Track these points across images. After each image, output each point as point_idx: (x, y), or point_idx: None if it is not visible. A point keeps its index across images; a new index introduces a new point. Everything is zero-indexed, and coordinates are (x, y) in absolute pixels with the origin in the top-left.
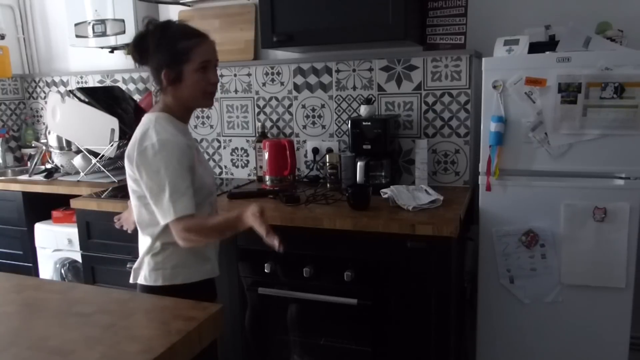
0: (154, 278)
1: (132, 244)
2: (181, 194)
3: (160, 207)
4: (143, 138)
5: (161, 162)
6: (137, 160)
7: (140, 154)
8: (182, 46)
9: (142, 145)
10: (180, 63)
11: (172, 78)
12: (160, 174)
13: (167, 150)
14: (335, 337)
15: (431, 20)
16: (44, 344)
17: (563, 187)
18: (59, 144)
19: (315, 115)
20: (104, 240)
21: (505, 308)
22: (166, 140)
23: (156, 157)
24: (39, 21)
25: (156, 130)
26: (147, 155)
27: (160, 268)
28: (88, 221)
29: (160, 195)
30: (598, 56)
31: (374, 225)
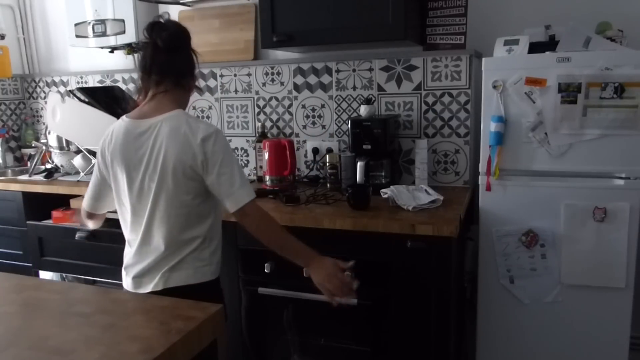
0: (203, 273)
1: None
2: (247, 179)
3: (236, 192)
4: (195, 130)
5: (225, 149)
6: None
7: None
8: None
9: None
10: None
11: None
12: (226, 160)
13: (224, 139)
14: (335, 337)
15: (431, 20)
16: (44, 344)
17: (563, 187)
18: (59, 144)
19: (315, 115)
20: (59, 257)
21: (505, 308)
22: (218, 130)
23: (217, 144)
24: (39, 21)
25: (201, 122)
26: (209, 144)
27: (208, 264)
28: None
29: (230, 180)
30: (598, 56)
31: (374, 225)
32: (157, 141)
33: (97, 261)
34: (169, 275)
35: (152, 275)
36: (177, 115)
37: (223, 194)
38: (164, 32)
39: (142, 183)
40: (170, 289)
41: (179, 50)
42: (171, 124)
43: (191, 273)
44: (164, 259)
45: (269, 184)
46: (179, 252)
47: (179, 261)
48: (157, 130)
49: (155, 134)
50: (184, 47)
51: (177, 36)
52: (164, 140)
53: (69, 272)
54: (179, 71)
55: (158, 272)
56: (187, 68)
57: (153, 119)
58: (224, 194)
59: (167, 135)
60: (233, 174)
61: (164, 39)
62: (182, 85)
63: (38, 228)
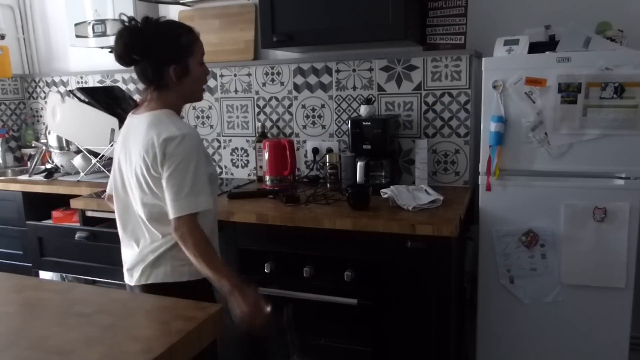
0: (180, 273)
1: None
2: (203, 189)
3: (178, 200)
4: (162, 131)
5: (185, 154)
6: (158, 154)
7: (162, 145)
8: (185, 40)
9: (162, 137)
10: (186, 57)
11: (179, 73)
12: (180, 167)
13: (189, 144)
14: (335, 337)
15: (431, 20)
16: (44, 344)
17: (563, 187)
18: (59, 144)
19: (315, 115)
20: (58, 258)
21: (505, 308)
22: (187, 134)
23: (178, 148)
24: (39, 21)
25: (174, 124)
26: (169, 147)
27: (187, 264)
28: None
29: (178, 187)
30: (598, 56)
31: (374, 225)
32: (134, 138)
33: (97, 261)
34: (150, 271)
35: (137, 269)
36: (154, 115)
37: (167, 198)
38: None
39: (123, 177)
40: (153, 284)
41: (137, 62)
42: (148, 122)
43: (169, 271)
44: (144, 255)
45: (269, 184)
46: (156, 249)
47: (157, 258)
48: (138, 128)
49: (135, 131)
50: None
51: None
52: (137, 138)
53: (69, 272)
54: (150, 80)
55: (140, 267)
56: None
57: (140, 116)
58: (167, 198)
59: (141, 133)
60: (183, 182)
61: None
62: (163, 89)
63: (38, 228)
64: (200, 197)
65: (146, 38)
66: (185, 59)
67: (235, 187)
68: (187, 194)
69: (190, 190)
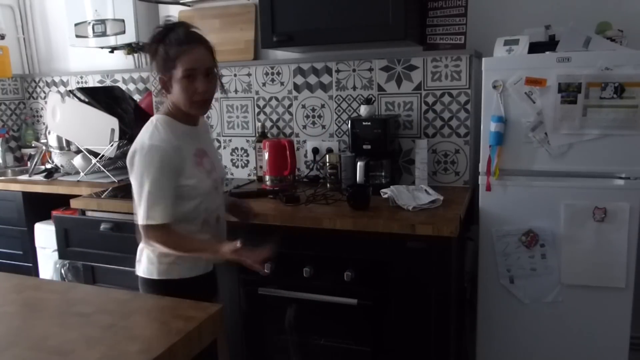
0: (150, 271)
1: (111, 252)
2: (156, 202)
3: (137, 209)
4: (137, 141)
5: (143, 166)
6: (129, 162)
7: (131, 156)
8: (172, 53)
9: (133, 147)
10: (169, 70)
11: (163, 84)
12: (140, 178)
13: (151, 156)
14: (335, 337)
15: (431, 20)
16: (44, 344)
17: (563, 187)
18: (59, 144)
19: (315, 115)
20: (83, 248)
21: (505, 308)
22: (152, 146)
23: (140, 160)
24: (39, 21)
25: (150, 133)
26: (134, 157)
27: (156, 262)
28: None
29: (137, 197)
30: (598, 56)
31: (374, 225)
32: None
33: (119, 251)
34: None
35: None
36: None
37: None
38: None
39: None
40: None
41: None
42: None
43: (144, 267)
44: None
45: (269, 184)
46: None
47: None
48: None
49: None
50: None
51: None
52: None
53: (93, 261)
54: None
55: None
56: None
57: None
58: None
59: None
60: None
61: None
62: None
63: (64, 220)
64: (151, 212)
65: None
66: (168, 71)
67: (235, 187)
68: (142, 206)
69: (145, 202)
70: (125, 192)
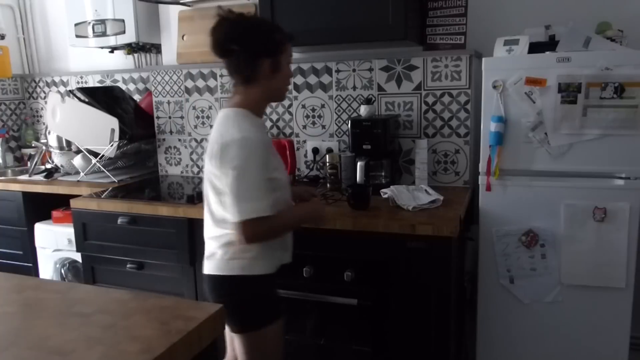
0: (230, 267)
1: (128, 245)
2: (260, 195)
3: (234, 205)
4: (224, 134)
5: (240, 159)
6: (219, 156)
7: (222, 150)
8: (278, 37)
9: (223, 141)
10: (278, 53)
11: (272, 67)
12: (238, 171)
13: (248, 149)
14: (335, 337)
15: (431, 20)
16: (44, 344)
17: (563, 187)
18: (59, 144)
19: (315, 115)
20: (101, 241)
21: (505, 308)
22: (247, 138)
23: (236, 153)
24: (39, 21)
25: (238, 126)
26: (229, 152)
27: (238, 258)
28: (85, 222)
29: (237, 193)
30: (598, 56)
31: (374, 225)
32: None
33: (136, 243)
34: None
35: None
36: (227, 114)
37: (227, 202)
38: (218, 35)
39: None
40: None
41: (234, 52)
42: (220, 119)
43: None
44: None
45: None
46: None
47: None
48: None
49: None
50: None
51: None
52: (212, 134)
53: (111, 254)
54: (241, 73)
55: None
56: (249, 68)
57: (221, 111)
58: (227, 201)
59: (214, 129)
60: (238, 188)
61: (212, 47)
62: (252, 83)
63: (82, 214)
64: (259, 203)
65: (245, 29)
66: (278, 54)
67: None
68: (243, 201)
69: (247, 196)
70: (125, 192)
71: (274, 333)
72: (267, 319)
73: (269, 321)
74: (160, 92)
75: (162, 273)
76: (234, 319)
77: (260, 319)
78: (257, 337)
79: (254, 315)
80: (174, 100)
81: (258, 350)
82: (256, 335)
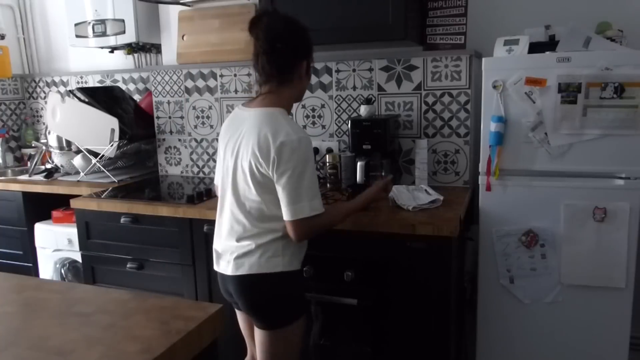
0: (273, 265)
1: (130, 243)
2: (316, 193)
3: (294, 204)
4: (277, 133)
5: (299, 159)
6: (274, 155)
7: (278, 149)
8: (311, 40)
9: (279, 140)
10: (311, 55)
11: (307, 69)
12: (298, 171)
13: (304, 148)
14: (335, 337)
15: (431, 20)
16: (44, 344)
17: (563, 187)
18: (59, 144)
19: (315, 115)
20: (104, 240)
21: (505, 308)
22: (303, 138)
23: (294, 154)
24: (39, 21)
25: (290, 126)
26: (285, 151)
27: (280, 255)
28: (87, 221)
29: (297, 192)
30: (598, 56)
31: (374, 225)
32: (244, 131)
33: (139, 242)
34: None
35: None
36: (270, 113)
37: (282, 202)
38: (260, 32)
39: (228, 168)
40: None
41: (277, 51)
42: (260, 120)
43: (261, 262)
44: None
45: None
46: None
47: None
48: (249, 122)
49: (247, 125)
50: (285, 44)
51: (273, 35)
52: (247, 133)
53: (113, 252)
54: (280, 72)
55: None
56: (288, 67)
57: (253, 110)
58: (283, 201)
59: (251, 129)
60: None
61: (260, 41)
62: (286, 84)
63: (85, 213)
64: (316, 201)
65: (292, 29)
66: (311, 56)
67: None
68: (304, 199)
69: (306, 195)
70: (125, 192)
71: (301, 327)
72: (299, 313)
73: (298, 315)
74: (160, 92)
75: (162, 273)
76: (270, 316)
77: (293, 313)
78: (286, 332)
79: (288, 310)
80: (174, 100)
81: (285, 344)
82: (285, 331)
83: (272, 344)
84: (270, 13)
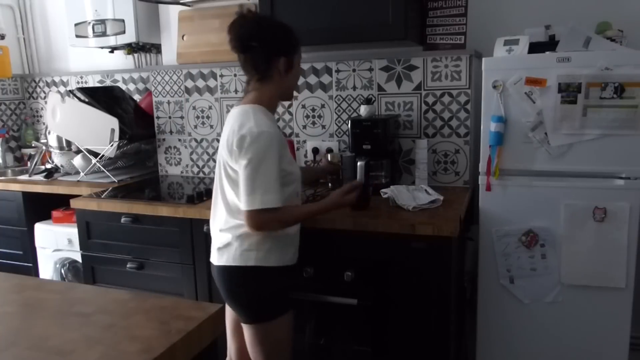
0: (245, 259)
1: (131, 243)
2: (272, 187)
3: (247, 195)
4: (242, 127)
5: (256, 151)
6: (235, 148)
7: (238, 141)
8: (294, 38)
9: (240, 133)
10: (293, 53)
11: (286, 66)
12: (253, 163)
13: (263, 141)
14: (335, 337)
15: (431, 20)
16: (44, 344)
17: (563, 187)
18: (59, 144)
19: (315, 115)
20: (104, 240)
21: (505, 308)
22: (263, 132)
23: (252, 146)
24: (39, 21)
25: (256, 120)
26: (244, 143)
27: (254, 249)
28: (88, 221)
29: (249, 183)
30: (598, 56)
31: (374, 225)
32: (226, 129)
33: (139, 242)
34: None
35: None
36: (244, 110)
37: (240, 192)
38: (234, 32)
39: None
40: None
41: (251, 49)
42: (236, 115)
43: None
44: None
45: None
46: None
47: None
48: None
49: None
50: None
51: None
52: (226, 129)
53: (114, 252)
54: (257, 69)
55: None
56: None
57: (236, 108)
58: (240, 191)
59: (226, 125)
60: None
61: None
62: (267, 80)
63: (85, 213)
64: (269, 195)
65: (265, 28)
66: (292, 54)
67: None
68: (257, 191)
69: (259, 187)
70: (125, 192)
71: (285, 324)
72: (280, 309)
73: (280, 312)
74: (160, 92)
75: (162, 273)
76: (248, 309)
77: (273, 309)
78: (269, 327)
79: (267, 305)
80: (174, 100)
81: (269, 340)
82: (268, 326)
83: (255, 338)
84: (243, 14)
